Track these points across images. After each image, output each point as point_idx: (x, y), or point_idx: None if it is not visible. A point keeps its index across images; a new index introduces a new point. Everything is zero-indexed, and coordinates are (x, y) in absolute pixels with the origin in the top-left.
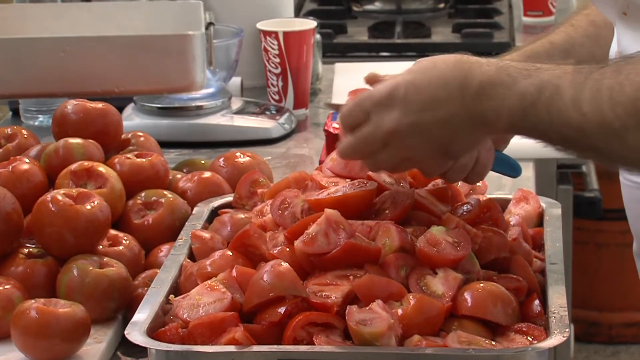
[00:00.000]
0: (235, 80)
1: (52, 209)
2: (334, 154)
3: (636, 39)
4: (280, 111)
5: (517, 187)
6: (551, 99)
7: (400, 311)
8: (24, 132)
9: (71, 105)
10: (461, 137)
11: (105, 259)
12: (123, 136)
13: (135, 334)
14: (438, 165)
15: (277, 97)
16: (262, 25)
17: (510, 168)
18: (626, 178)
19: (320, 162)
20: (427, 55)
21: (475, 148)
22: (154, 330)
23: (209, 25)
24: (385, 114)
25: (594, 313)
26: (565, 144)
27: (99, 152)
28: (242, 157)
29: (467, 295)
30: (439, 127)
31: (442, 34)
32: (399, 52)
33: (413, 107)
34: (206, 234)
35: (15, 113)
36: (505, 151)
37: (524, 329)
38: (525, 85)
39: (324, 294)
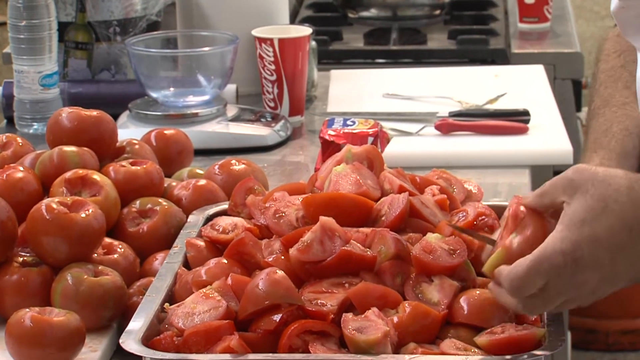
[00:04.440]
0: (231, 88)
1: (47, 217)
2: None
3: None
4: (275, 118)
5: (513, 194)
6: None
7: (395, 319)
8: (19, 140)
9: (66, 113)
10: None
11: (100, 267)
12: (118, 144)
13: (130, 343)
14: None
15: (272, 104)
16: (257, 32)
17: None
18: None
19: (316, 170)
20: (423, 62)
21: None
22: (149, 339)
23: None
24: (570, 279)
25: (591, 320)
26: None
27: (93, 160)
28: (237, 164)
29: (463, 303)
30: (626, 271)
31: (437, 40)
32: (394, 59)
33: (602, 262)
34: (201, 242)
35: (10, 121)
36: (503, 157)
37: None
38: None
39: (319, 301)
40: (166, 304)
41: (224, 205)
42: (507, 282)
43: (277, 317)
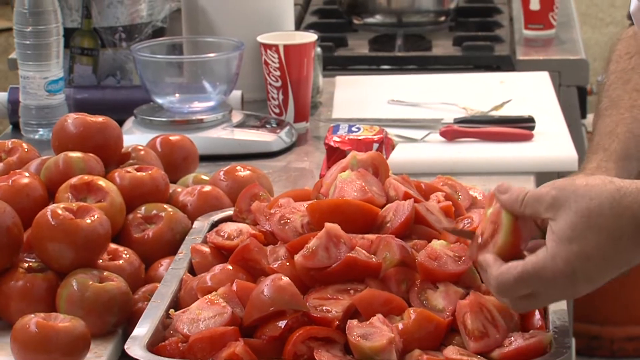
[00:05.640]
0: (236, 94)
1: (52, 223)
2: None
3: None
4: (280, 124)
5: None
6: None
7: (400, 325)
8: (24, 145)
9: (71, 119)
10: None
11: (105, 273)
12: (123, 150)
13: (136, 349)
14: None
15: (277, 111)
16: (262, 39)
17: None
18: None
19: (321, 176)
20: (428, 68)
21: None
22: (154, 345)
23: None
24: (562, 291)
25: (595, 327)
26: None
27: (99, 165)
28: (242, 170)
29: None
30: (615, 272)
31: (442, 47)
32: (399, 65)
33: (593, 275)
34: (206, 248)
35: (16, 126)
36: (508, 163)
37: None
38: None
39: (324, 308)
40: (171, 310)
41: (229, 212)
42: (494, 284)
43: (282, 324)
